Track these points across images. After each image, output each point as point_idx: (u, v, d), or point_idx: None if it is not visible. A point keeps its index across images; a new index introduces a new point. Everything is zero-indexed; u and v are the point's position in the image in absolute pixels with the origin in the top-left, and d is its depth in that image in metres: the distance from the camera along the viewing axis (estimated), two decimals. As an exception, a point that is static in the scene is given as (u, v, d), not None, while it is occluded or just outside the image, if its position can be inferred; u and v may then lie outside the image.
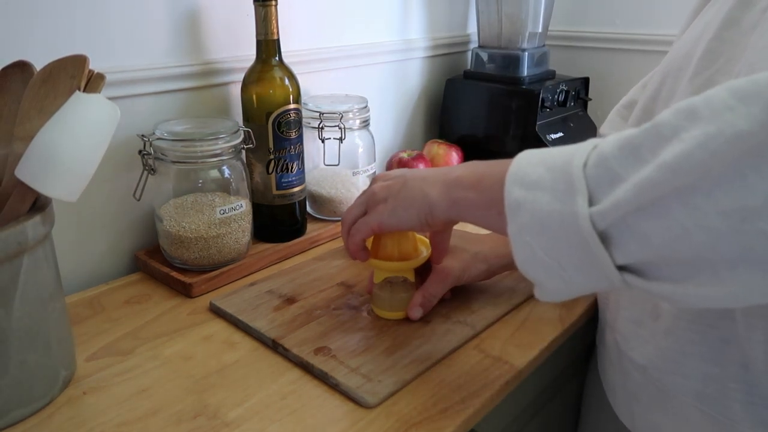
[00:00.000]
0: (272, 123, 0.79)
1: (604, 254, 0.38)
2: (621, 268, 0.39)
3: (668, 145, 0.35)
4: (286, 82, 0.80)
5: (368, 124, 0.93)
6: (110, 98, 0.54)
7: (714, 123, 0.34)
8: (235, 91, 0.85)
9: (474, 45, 1.23)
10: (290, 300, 0.69)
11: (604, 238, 0.38)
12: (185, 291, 0.72)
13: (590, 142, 0.41)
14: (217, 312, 0.68)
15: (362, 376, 0.56)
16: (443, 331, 0.63)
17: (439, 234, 0.61)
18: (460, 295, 0.70)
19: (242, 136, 0.76)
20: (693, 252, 0.35)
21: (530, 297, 0.70)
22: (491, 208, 0.46)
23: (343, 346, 0.60)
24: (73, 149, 0.50)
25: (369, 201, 0.58)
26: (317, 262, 0.79)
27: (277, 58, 0.80)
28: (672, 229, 0.35)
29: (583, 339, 0.77)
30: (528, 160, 0.43)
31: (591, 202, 0.38)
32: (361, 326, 0.64)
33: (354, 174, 0.92)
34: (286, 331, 0.63)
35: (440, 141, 1.13)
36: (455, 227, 0.60)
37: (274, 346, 0.61)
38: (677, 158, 0.34)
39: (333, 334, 0.62)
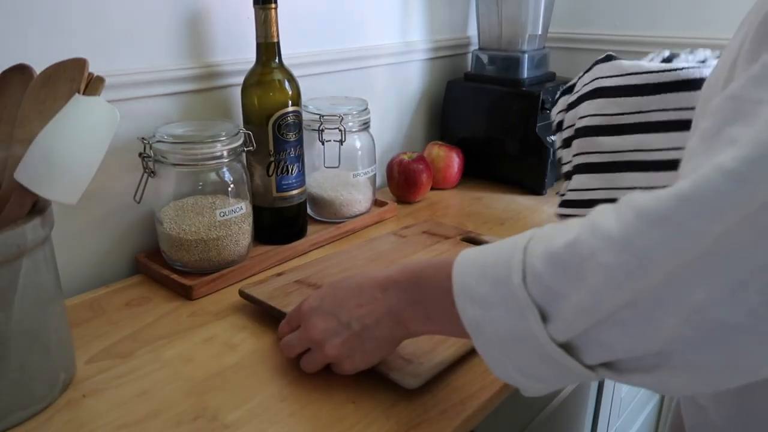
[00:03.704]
0: (272, 125, 0.79)
1: (571, 362, 0.38)
2: (592, 367, 0.39)
3: (590, 268, 0.35)
4: (286, 84, 0.80)
5: (368, 126, 0.94)
6: (110, 101, 0.54)
7: (628, 252, 0.33)
8: (236, 93, 0.85)
9: (474, 47, 1.24)
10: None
11: (568, 348, 0.38)
12: (185, 293, 0.72)
13: (520, 242, 0.40)
14: (247, 299, 0.68)
15: (402, 358, 0.56)
16: None
17: None
18: None
19: (242, 139, 0.76)
20: (657, 347, 0.35)
21: None
22: (455, 326, 0.44)
23: None
24: (73, 152, 0.50)
25: (319, 354, 0.55)
26: (343, 254, 0.79)
27: (277, 61, 0.80)
28: (631, 334, 0.35)
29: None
30: (467, 271, 0.43)
31: (544, 319, 0.38)
32: None
33: (354, 176, 0.92)
34: None
35: (441, 143, 1.13)
36: None
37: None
38: (605, 284, 0.34)
39: None
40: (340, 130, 0.86)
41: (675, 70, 0.69)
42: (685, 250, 0.32)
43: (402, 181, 1.03)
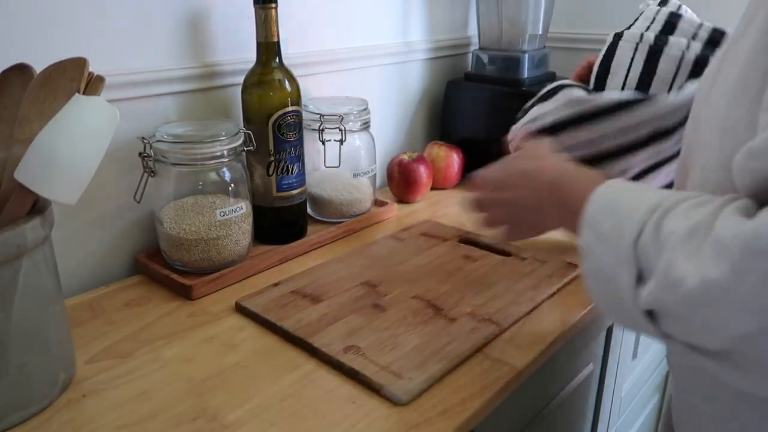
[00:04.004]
0: (272, 125, 0.79)
1: (649, 326, 0.42)
2: (667, 335, 0.42)
3: (714, 258, 0.36)
4: (287, 84, 0.80)
5: (369, 126, 0.93)
6: (110, 101, 0.54)
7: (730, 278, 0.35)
8: (236, 93, 0.85)
9: (475, 47, 1.24)
10: (315, 299, 0.70)
11: (650, 314, 0.41)
12: (185, 293, 0.72)
13: (653, 200, 0.43)
14: (243, 312, 0.69)
15: (393, 373, 0.56)
16: (470, 328, 0.64)
17: None
18: (485, 293, 0.71)
19: (242, 139, 0.76)
20: (727, 344, 0.38)
21: (551, 295, 0.71)
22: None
23: (372, 345, 0.61)
24: (73, 152, 0.50)
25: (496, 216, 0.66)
26: (338, 263, 0.79)
27: (277, 61, 0.80)
28: (708, 326, 0.37)
29: (585, 340, 0.77)
30: (602, 204, 0.47)
31: (640, 279, 0.41)
32: (387, 325, 0.64)
33: (354, 176, 0.92)
34: (314, 330, 0.63)
35: (441, 143, 1.12)
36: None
37: (303, 345, 0.62)
38: (720, 280, 0.36)
39: (361, 332, 0.63)
40: (340, 130, 0.86)
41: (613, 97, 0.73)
42: None
43: (402, 181, 1.03)
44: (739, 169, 0.39)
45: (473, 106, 1.15)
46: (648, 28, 0.75)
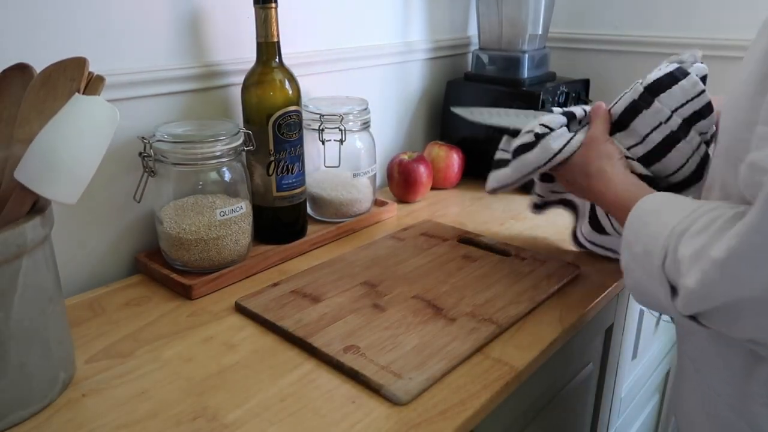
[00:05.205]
0: (272, 125, 0.79)
1: (694, 325, 0.49)
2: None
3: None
4: (287, 84, 0.80)
5: (369, 126, 0.93)
6: (110, 100, 0.54)
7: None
8: (236, 93, 0.85)
9: (475, 47, 1.24)
10: (315, 299, 0.70)
11: (693, 316, 0.48)
12: (185, 293, 0.72)
13: (674, 225, 0.49)
14: (242, 311, 0.69)
15: (393, 373, 0.56)
16: (469, 328, 0.64)
17: None
18: (485, 293, 0.71)
19: (242, 138, 0.76)
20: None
21: (551, 295, 0.71)
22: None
23: (372, 345, 0.61)
24: (73, 151, 0.50)
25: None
26: (338, 262, 0.79)
27: (277, 60, 0.80)
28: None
29: (584, 340, 0.77)
30: (633, 228, 0.56)
31: (674, 292, 0.49)
32: (387, 325, 0.65)
33: (354, 176, 0.92)
34: (313, 330, 0.63)
35: (441, 143, 1.12)
36: None
37: (302, 345, 0.62)
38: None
39: (360, 332, 0.63)
40: (340, 130, 0.86)
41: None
42: None
43: (402, 181, 1.03)
44: (745, 185, 0.44)
45: (473, 105, 1.15)
46: (681, 106, 0.66)
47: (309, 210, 0.92)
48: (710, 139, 0.68)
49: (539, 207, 0.86)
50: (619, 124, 0.70)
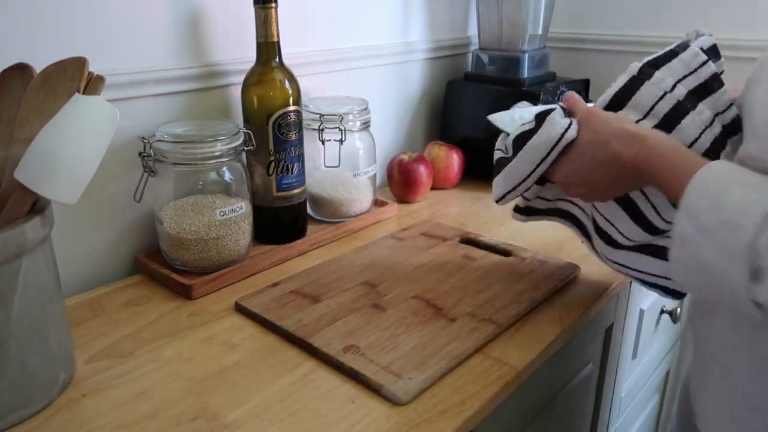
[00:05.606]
0: (272, 125, 0.79)
1: (755, 312, 0.43)
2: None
3: None
4: (287, 84, 0.80)
5: (369, 126, 0.93)
6: (110, 100, 0.54)
7: None
8: (236, 93, 0.85)
9: (475, 47, 1.24)
10: (315, 299, 0.70)
11: (758, 304, 0.43)
12: (185, 293, 0.72)
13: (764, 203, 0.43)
14: (242, 311, 0.69)
15: (393, 373, 0.56)
16: (469, 328, 0.64)
17: None
18: (485, 293, 0.71)
19: (242, 138, 0.76)
20: None
21: (551, 295, 0.71)
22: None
23: (372, 345, 0.61)
24: (73, 151, 0.50)
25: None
26: (338, 262, 0.80)
27: (277, 60, 0.80)
28: None
29: (584, 340, 0.77)
30: (704, 195, 0.46)
31: (755, 276, 0.42)
32: (387, 325, 0.65)
33: (354, 176, 0.92)
34: (313, 329, 0.64)
35: (441, 143, 1.12)
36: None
37: (302, 345, 0.62)
38: None
39: (360, 332, 0.63)
40: (340, 130, 0.86)
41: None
42: None
43: (402, 181, 1.03)
44: None
45: (473, 106, 1.15)
46: (684, 77, 0.61)
47: (309, 210, 0.93)
48: (730, 125, 0.60)
49: (523, 211, 0.75)
50: (617, 103, 0.64)
